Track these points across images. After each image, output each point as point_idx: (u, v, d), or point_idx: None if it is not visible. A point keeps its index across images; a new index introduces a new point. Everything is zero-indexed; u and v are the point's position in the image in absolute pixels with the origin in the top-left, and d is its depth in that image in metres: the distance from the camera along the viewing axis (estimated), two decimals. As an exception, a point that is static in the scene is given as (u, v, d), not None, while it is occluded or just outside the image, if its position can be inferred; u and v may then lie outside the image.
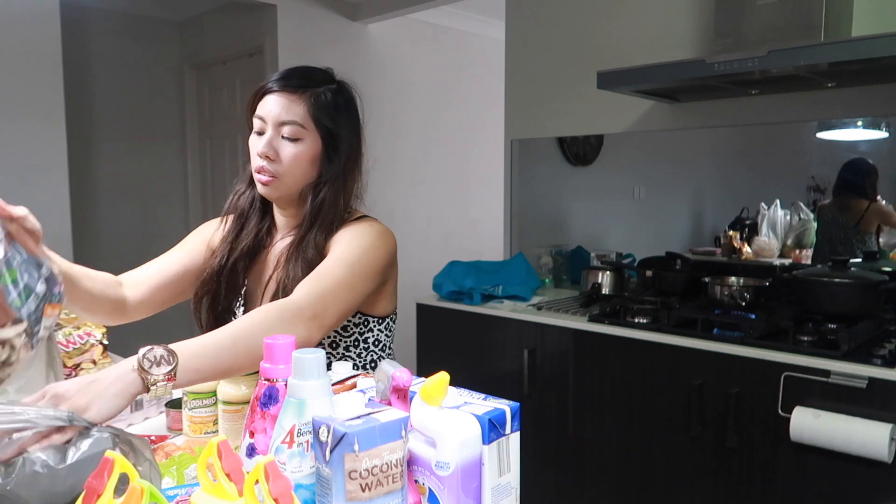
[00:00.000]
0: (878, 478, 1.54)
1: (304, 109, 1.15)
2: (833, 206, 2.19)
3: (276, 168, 1.15)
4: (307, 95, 1.16)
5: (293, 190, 1.18)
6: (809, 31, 1.85)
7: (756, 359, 1.71)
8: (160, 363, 0.82)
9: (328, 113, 1.16)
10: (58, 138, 2.84)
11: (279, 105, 1.14)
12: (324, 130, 1.16)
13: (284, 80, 1.16)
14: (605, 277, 2.45)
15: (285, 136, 1.14)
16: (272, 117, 1.14)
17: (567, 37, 2.73)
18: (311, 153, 1.16)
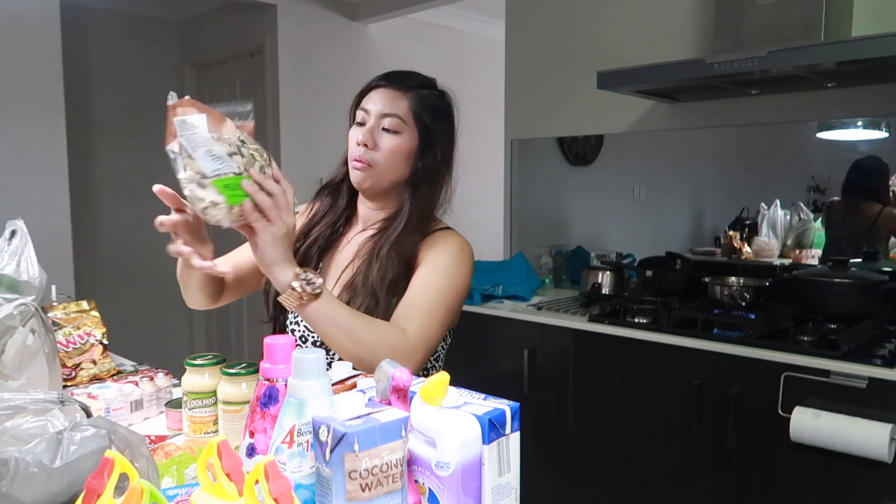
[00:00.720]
0: (878, 478, 1.54)
1: (407, 105, 1.19)
2: (842, 207, 2.18)
3: (373, 157, 1.18)
4: (411, 93, 1.20)
5: (384, 181, 1.21)
6: (809, 31, 1.85)
7: (756, 359, 1.71)
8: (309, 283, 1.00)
9: (429, 112, 1.21)
10: (58, 138, 2.83)
11: (383, 99, 1.19)
12: (422, 128, 1.20)
13: (391, 77, 1.22)
14: (605, 277, 2.45)
15: (385, 128, 1.18)
16: (376, 110, 1.19)
17: (567, 37, 2.73)
18: (407, 147, 1.20)
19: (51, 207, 2.82)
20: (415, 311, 1.12)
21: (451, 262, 1.19)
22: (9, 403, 0.68)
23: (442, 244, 1.21)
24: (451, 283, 1.17)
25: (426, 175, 1.21)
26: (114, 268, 3.75)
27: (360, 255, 1.22)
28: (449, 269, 1.18)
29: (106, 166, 3.76)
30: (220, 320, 4.02)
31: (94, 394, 1.17)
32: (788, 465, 1.67)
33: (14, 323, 1.06)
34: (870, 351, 1.63)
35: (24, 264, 1.18)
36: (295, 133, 3.43)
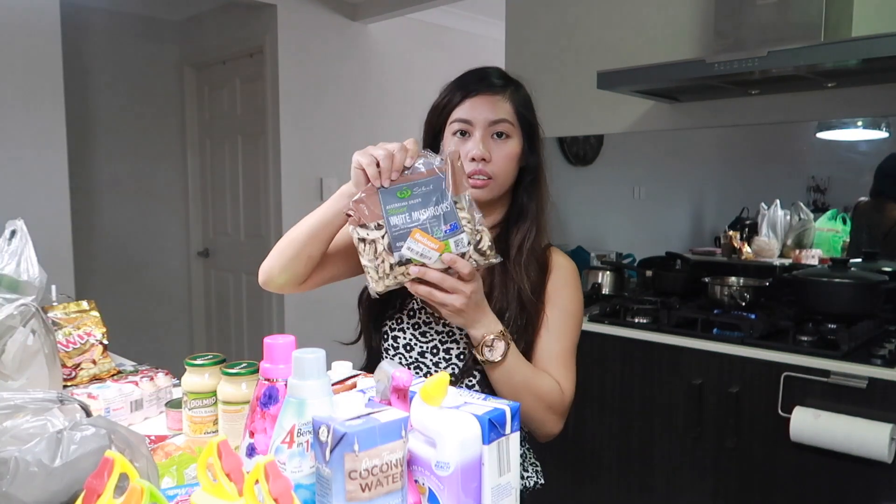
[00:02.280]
0: (878, 478, 1.54)
1: (511, 106, 1.14)
2: (869, 207, 2.15)
3: (492, 169, 1.12)
4: (509, 93, 1.15)
5: (502, 190, 1.15)
6: (809, 31, 1.84)
7: (756, 359, 1.71)
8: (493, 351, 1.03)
9: (527, 108, 1.17)
10: (58, 138, 2.83)
11: (486, 105, 1.13)
12: (526, 126, 1.16)
13: (484, 82, 1.16)
14: (605, 277, 2.45)
15: (496, 136, 1.13)
16: (482, 119, 1.12)
17: (567, 37, 2.73)
18: (518, 151, 1.14)
19: (51, 207, 2.82)
20: (556, 363, 1.15)
21: (571, 296, 1.18)
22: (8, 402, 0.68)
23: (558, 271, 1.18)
24: (575, 315, 1.18)
25: (535, 173, 1.17)
26: (114, 268, 3.75)
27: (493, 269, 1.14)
28: (571, 303, 1.17)
29: (106, 166, 3.76)
30: (220, 320, 4.02)
31: (94, 394, 1.17)
32: (788, 465, 1.67)
33: (14, 323, 1.06)
34: (870, 351, 1.63)
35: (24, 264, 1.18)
36: (295, 133, 3.43)
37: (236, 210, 3.82)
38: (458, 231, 0.95)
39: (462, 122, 1.13)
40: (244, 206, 3.77)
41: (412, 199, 0.95)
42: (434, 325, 1.16)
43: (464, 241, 0.95)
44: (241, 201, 3.80)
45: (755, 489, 1.73)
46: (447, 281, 0.96)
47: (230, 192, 3.88)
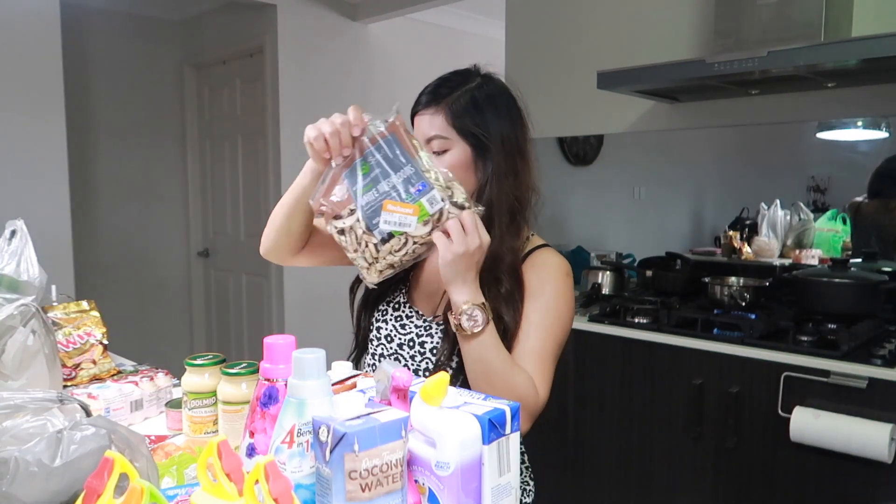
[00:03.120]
0: (878, 478, 1.54)
1: (443, 120, 1.14)
2: (871, 208, 2.15)
3: None
4: (443, 106, 1.15)
5: None
6: (809, 31, 1.85)
7: (756, 359, 1.71)
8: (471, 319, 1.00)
9: (469, 116, 1.15)
10: (58, 138, 2.83)
11: (423, 123, 1.16)
12: (468, 135, 1.15)
13: (426, 97, 1.18)
14: (605, 277, 2.45)
15: (435, 151, 1.14)
16: (421, 137, 1.15)
17: (567, 37, 2.73)
18: (462, 160, 1.14)
19: (51, 207, 2.82)
20: (533, 358, 1.10)
21: (558, 293, 1.17)
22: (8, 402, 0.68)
23: (545, 269, 1.17)
24: (560, 316, 1.15)
25: (495, 174, 1.15)
26: (114, 268, 3.75)
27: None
28: (556, 300, 1.16)
29: (106, 166, 3.76)
30: (220, 321, 4.02)
31: (94, 394, 1.17)
32: (788, 465, 1.67)
33: (14, 323, 1.06)
34: (870, 351, 1.63)
35: (24, 264, 1.18)
36: (295, 133, 3.43)
37: (236, 210, 3.82)
38: (428, 189, 0.94)
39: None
40: (244, 206, 3.77)
41: (373, 172, 0.95)
42: (414, 319, 1.18)
43: (437, 198, 0.95)
44: (241, 201, 3.80)
45: (755, 489, 1.73)
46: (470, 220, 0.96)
47: (230, 192, 3.88)
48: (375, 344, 1.21)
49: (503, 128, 1.18)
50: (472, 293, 1.01)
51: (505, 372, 1.05)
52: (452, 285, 1.00)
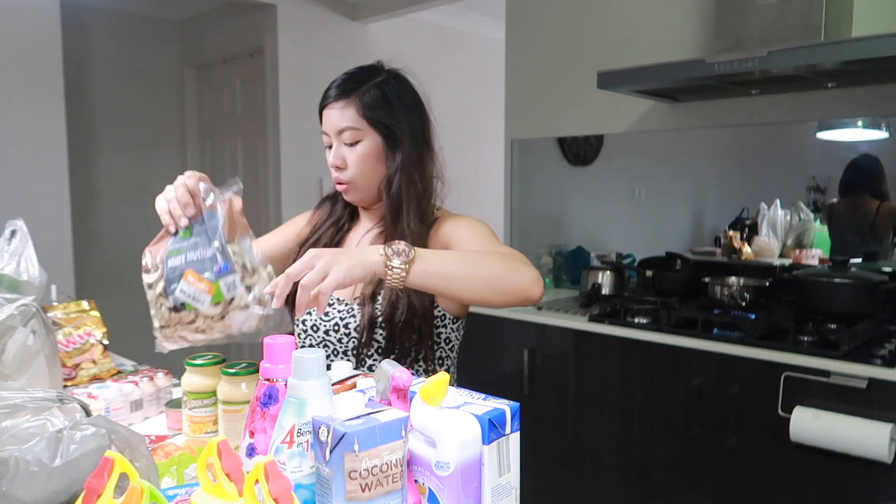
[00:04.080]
0: (878, 478, 1.54)
1: (354, 112, 1.20)
2: (842, 206, 2.18)
3: (347, 175, 1.21)
4: (354, 97, 1.20)
5: (371, 190, 1.24)
6: (809, 31, 1.85)
7: (756, 359, 1.71)
8: (400, 254, 0.94)
9: (379, 108, 1.21)
10: (58, 138, 2.83)
11: (333, 115, 1.21)
12: (379, 126, 1.21)
13: (334, 90, 1.22)
14: (605, 277, 2.45)
15: (346, 143, 1.21)
16: (331, 129, 1.21)
17: (567, 37, 2.73)
18: (373, 151, 1.21)
19: (51, 207, 2.82)
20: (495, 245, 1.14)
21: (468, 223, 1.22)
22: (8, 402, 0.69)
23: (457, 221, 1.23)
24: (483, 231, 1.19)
25: (403, 164, 1.21)
26: (114, 268, 3.74)
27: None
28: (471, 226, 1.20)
29: (106, 166, 3.76)
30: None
31: (94, 394, 1.17)
32: (788, 465, 1.67)
33: (14, 323, 1.06)
34: (870, 351, 1.63)
35: (24, 264, 1.18)
36: (295, 133, 3.43)
37: (236, 210, 3.82)
38: (229, 272, 0.91)
39: (323, 134, 1.23)
40: (244, 206, 3.76)
41: (192, 239, 0.93)
42: (336, 306, 1.22)
43: (235, 284, 0.90)
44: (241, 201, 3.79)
45: (755, 489, 1.73)
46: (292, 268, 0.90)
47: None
48: (303, 337, 1.25)
49: (411, 120, 1.24)
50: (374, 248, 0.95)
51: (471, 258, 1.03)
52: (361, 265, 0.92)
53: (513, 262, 1.05)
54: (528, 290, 1.03)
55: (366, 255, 0.93)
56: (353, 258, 0.92)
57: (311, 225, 1.35)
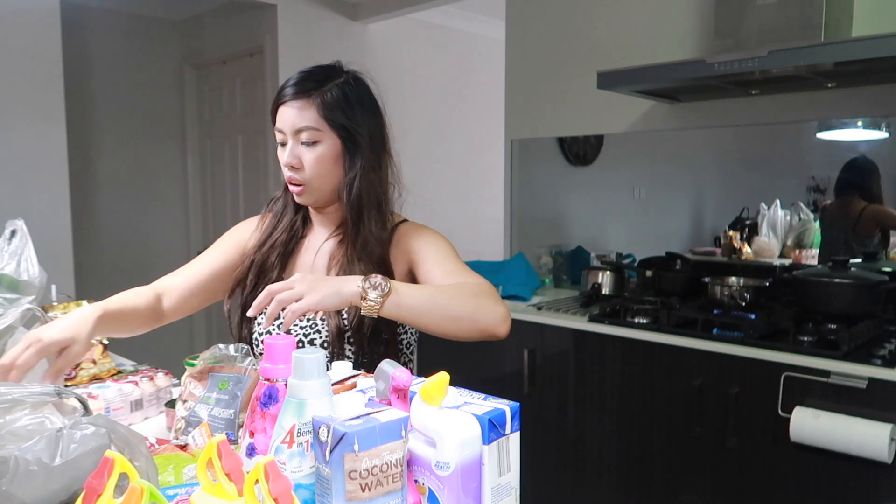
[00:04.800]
0: (878, 478, 1.54)
1: (315, 112, 1.16)
2: (833, 206, 2.19)
3: (303, 175, 1.18)
4: (315, 97, 1.17)
5: (325, 192, 1.21)
6: (809, 31, 1.85)
7: (756, 359, 1.71)
8: (376, 288, 0.99)
9: (340, 109, 1.18)
10: (58, 138, 2.83)
11: (292, 114, 1.17)
12: (339, 128, 1.17)
13: (292, 88, 1.18)
14: (605, 277, 2.45)
15: (304, 143, 1.17)
16: (288, 127, 1.17)
17: (567, 37, 2.73)
18: (331, 153, 1.18)
19: (51, 207, 2.82)
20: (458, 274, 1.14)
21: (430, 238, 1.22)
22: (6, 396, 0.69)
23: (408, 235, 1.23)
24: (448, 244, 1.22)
25: (356, 171, 1.19)
26: (114, 268, 3.75)
27: (335, 264, 1.22)
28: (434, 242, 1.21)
29: (106, 166, 3.76)
30: (220, 320, 4.01)
31: (94, 394, 1.17)
32: (788, 465, 1.67)
33: (15, 323, 1.06)
34: (870, 351, 1.63)
35: (24, 264, 1.18)
36: (295, 133, 3.43)
37: (236, 210, 3.82)
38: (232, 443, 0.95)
39: (278, 131, 1.20)
40: (244, 206, 3.77)
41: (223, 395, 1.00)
42: (298, 322, 1.20)
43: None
44: (241, 201, 3.79)
45: (755, 489, 1.73)
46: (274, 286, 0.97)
47: (230, 192, 3.87)
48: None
49: (371, 124, 1.21)
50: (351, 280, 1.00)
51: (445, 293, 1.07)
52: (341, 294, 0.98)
53: (484, 299, 1.07)
54: (496, 329, 1.07)
55: (343, 286, 0.98)
56: (331, 288, 0.97)
57: (260, 230, 1.31)
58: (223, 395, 1.02)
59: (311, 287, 0.97)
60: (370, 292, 0.98)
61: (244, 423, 0.78)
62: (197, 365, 1.07)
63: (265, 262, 1.25)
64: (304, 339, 1.20)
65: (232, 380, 1.03)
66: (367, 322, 1.16)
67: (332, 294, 0.97)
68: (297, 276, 0.99)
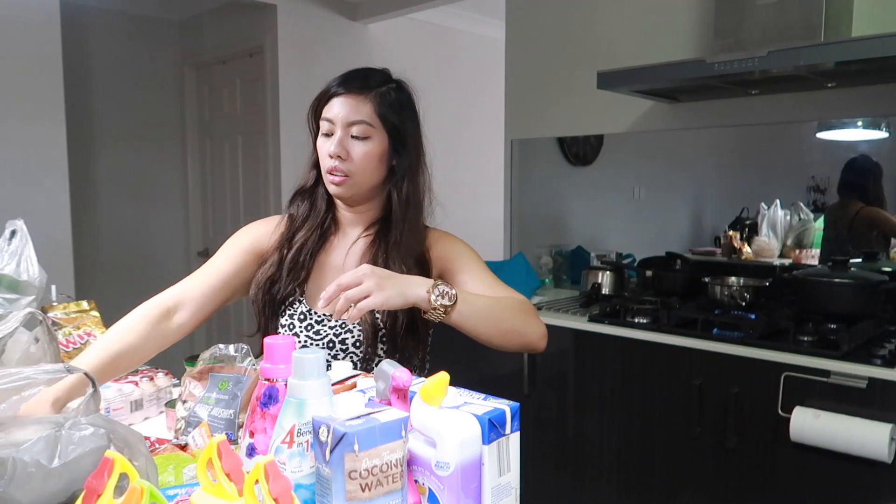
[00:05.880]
0: (878, 478, 1.54)
1: (371, 108, 1.18)
2: (836, 206, 2.19)
3: (349, 167, 1.17)
4: (372, 95, 1.19)
5: (364, 188, 1.21)
6: (809, 31, 1.85)
7: (756, 359, 1.71)
8: (444, 296, 1.03)
9: (394, 110, 1.20)
10: (58, 138, 2.83)
11: (346, 106, 1.17)
12: (390, 127, 1.19)
13: (349, 83, 1.20)
14: (605, 277, 2.45)
15: (354, 136, 1.17)
16: (341, 118, 1.17)
17: (567, 37, 2.73)
18: (379, 150, 1.19)
19: (51, 207, 2.82)
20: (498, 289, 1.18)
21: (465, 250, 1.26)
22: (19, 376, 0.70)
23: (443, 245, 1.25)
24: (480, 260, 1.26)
25: (404, 172, 1.21)
26: (114, 268, 3.75)
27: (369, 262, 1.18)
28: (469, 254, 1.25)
29: (106, 166, 3.76)
30: (220, 320, 4.02)
31: (93, 394, 1.17)
32: (788, 465, 1.67)
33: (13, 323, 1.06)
34: (870, 351, 1.63)
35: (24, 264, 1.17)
36: (295, 133, 3.43)
37: (236, 210, 3.82)
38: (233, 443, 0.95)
39: (326, 120, 1.19)
40: (244, 206, 3.77)
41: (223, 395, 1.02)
42: (326, 322, 1.20)
43: None
44: (241, 201, 3.79)
45: (755, 489, 1.73)
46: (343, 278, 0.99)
47: (230, 192, 3.87)
48: None
49: (415, 131, 1.24)
50: (419, 282, 1.03)
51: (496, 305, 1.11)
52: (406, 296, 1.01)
53: (530, 315, 1.15)
54: (538, 343, 1.14)
55: (408, 288, 1.01)
56: (397, 287, 1.00)
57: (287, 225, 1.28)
58: (223, 395, 1.02)
59: (378, 284, 0.98)
60: (440, 298, 1.02)
61: (244, 423, 0.78)
62: (197, 365, 1.07)
63: (296, 260, 1.23)
64: (334, 338, 1.19)
65: (232, 380, 1.03)
66: (400, 321, 1.17)
67: (397, 295, 1.00)
68: (365, 269, 0.99)
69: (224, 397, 1.02)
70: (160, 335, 1.14)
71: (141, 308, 1.14)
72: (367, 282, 0.98)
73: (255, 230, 1.32)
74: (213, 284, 1.23)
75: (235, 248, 1.30)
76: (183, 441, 0.98)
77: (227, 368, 1.05)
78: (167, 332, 1.15)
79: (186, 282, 1.23)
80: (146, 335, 1.11)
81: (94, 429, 0.69)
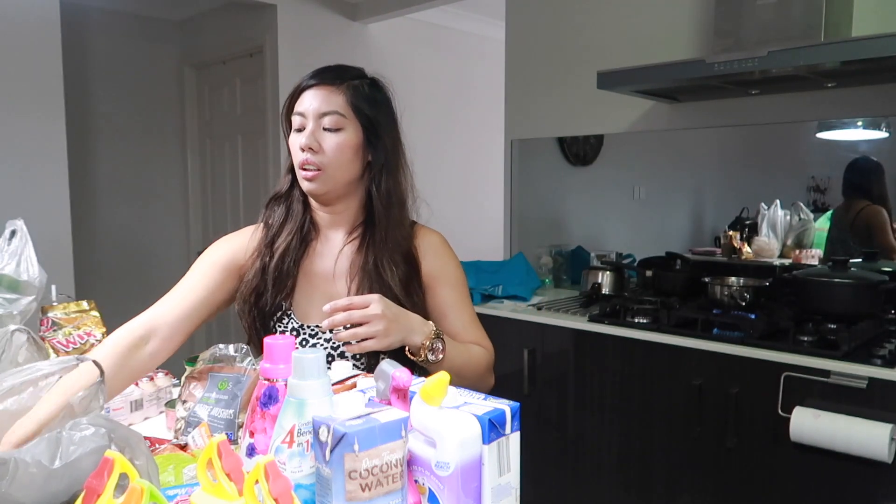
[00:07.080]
0: (878, 478, 1.54)
1: (343, 99, 1.16)
2: (841, 207, 2.18)
3: (321, 160, 1.14)
4: (345, 86, 1.17)
5: (339, 183, 1.17)
6: (809, 31, 1.84)
7: (756, 359, 1.71)
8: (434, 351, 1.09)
9: (367, 102, 1.18)
10: (58, 138, 2.83)
11: (318, 98, 1.16)
12: (364, 119, 1.17)
13: (321, 75, 1.19)
14: (605, 277, 2.45)
15: (326, 128, 1.14)
16: (312, 110, 1.15)
17: (567, 37, 2.73)
18: (353, 142, 1.16)
19: (51, 207, 2.82)
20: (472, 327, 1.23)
21: (454, 266, 1.26)
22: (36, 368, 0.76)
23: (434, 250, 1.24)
24: (466, 283, 1.27)
25: (382, 166, 1.18)
26: (114, 268, 3.75)
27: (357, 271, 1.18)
28: (458, 272, 1.26)
29: (106, 166, 3.76)
30: (220, 320, 4.02)
31: (93, 394, 1.17)
32: (788, 465, 1.67)
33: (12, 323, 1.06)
34: (870, 351, 1.63)
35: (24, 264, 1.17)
36: (295, 133, 3.43)
37: (236, 210, 3.82)
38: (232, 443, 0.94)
39: (298, 115, 1.17)
40: (244, 206, 3.77)
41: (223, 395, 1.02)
42: (321, 336, 1.18)
43: None
44: (241, 201, 3.79)
45: (755, 489, 1.73)
46: (354, 314, 1.01)
47: (230, 192, 3.87)
48: None
49: (391, 126, 1.23)
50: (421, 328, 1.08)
51: (468, 363, 1.16)
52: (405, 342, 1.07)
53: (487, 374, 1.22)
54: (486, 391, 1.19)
55: (410, 336, 1.07)
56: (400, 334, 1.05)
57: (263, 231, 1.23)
58: (223, 395, 1.02)
59: (385, 330, 1.02)
60: (429, 355, 1.08)
61: (244, 423, 0.78)
62: (197, 365, 1.07)
63: (280, 269, 1.19)
64: (332, 351, 1.17)
65: (231, 380, 1.03)
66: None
67: (399, 341, 1.05)
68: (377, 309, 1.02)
69: (224, 397, 1.02)
70: (131, 368, 1.07)
71: (111, 339, 1.09)
72: (377, 325, 1.01)
73: (229, 244, 1.26)
74: (188, 307, 1.16)
75: (210, 265, 1.23)
76: (183, 441, 0.98)
77: (226, 368, 1.05)
78: (138, 364, 1.08)
79: (159, 306, 1.16)
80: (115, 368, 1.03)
81: (94, 429, 0.69)
